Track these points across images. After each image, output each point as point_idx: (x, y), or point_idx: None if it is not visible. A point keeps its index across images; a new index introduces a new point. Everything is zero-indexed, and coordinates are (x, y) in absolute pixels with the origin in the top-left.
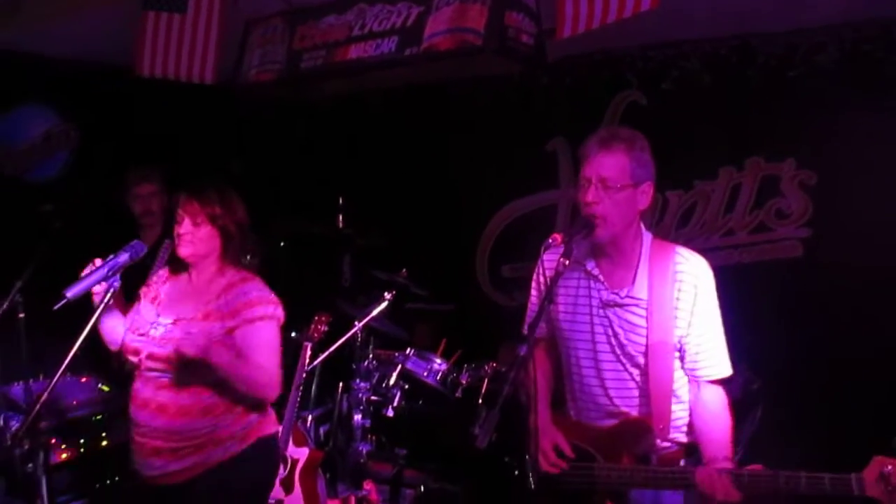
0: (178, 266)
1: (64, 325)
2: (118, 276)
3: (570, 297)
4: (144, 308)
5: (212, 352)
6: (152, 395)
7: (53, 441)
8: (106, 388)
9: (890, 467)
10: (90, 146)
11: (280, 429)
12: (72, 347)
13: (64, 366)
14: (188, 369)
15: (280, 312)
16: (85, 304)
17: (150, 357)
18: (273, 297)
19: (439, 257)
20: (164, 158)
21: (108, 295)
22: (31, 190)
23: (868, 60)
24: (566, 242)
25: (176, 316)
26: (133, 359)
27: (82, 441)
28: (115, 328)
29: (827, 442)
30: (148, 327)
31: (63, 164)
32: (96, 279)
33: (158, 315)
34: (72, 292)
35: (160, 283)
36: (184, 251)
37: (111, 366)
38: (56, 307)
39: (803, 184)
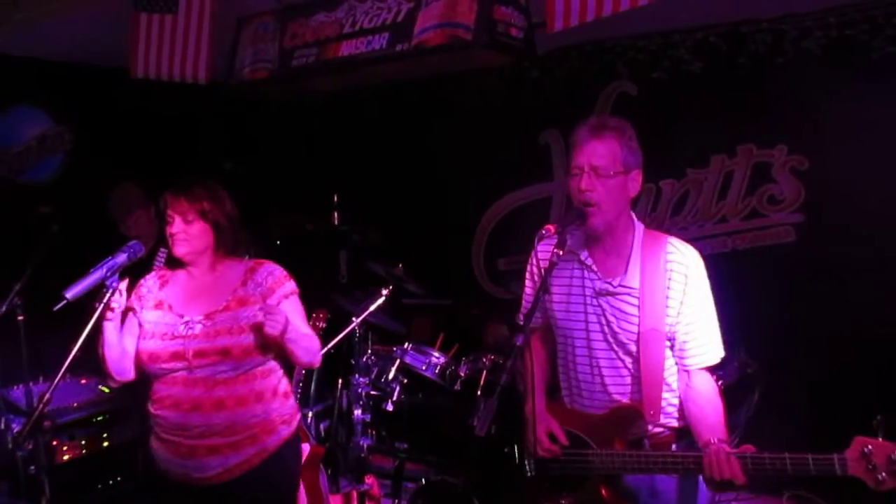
0: (171, 269)
1: (63, 326)
2: (117, 275)
3: (565, 286)
4: (155, 315)
5: (289, 327)
6: (205, 394)
7: (55, 442)
8: (106, 389)
9: (871, 446)
10: (86, 147)
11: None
12: (72, 348)
13: (65, 367)
14: (244, 356)
15: (297, 287)
16: (84, 305)
17: (200, 354)
18: (288, 274)
19: (435, 252)
20: (159, 158)
21: (109, 294)
22: (27, 192)
23: (854, 45)
24: (559, 233)
25: (202, 311)
26: (172, 364)
27: (84, 442)
28: (122, 359)
29: (821, 422)
30: (179, 328)
31: (58, 166)
32: (95, 279)
33: (182, 315)
34: (71, 293)
35: (156, 290)
36: (179, 250)
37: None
38: (56, 308)
39: (795, 169)
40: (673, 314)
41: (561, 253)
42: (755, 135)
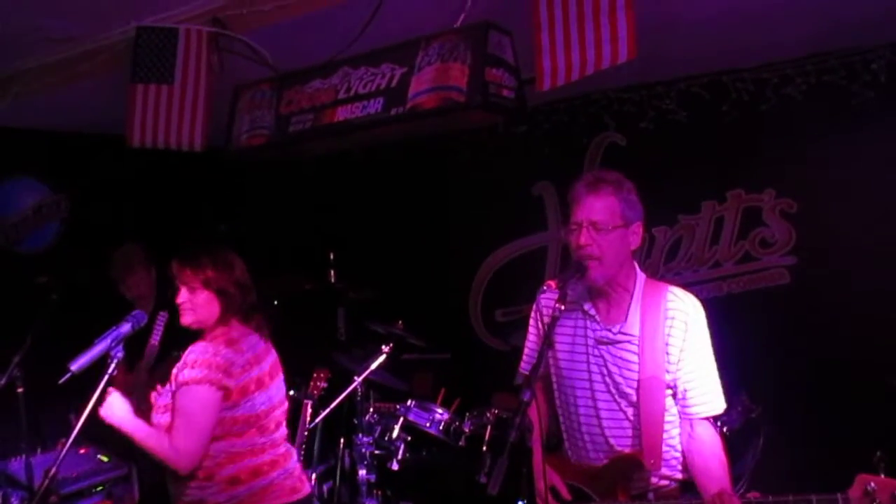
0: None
1: (62, 398)
2: (121, 346)
3: (568, 337)
4: None
5: (127, 420)
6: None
7: None
8: (105, 459)
9: (874, 484)
10: (83, 216)
11: (301, 496)
12: (78, 420)
13: (71, 440)
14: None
15: (215, 376)
16: (84, 377)
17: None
18: (214, 359)
19: (433, 306)
20: (157, 225)
21: (113, 365)
22: (25, 262)
23: (834, 90)
24: (560, 287)
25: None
26: None
27: None
28: None
29: (825, 462)
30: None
31: (54, 235)
32: (100, 350)
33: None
34: (76, 365)
35: None
36: (185, 320)
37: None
38: (61, 381)
39: (784, 212)
40: (674, 361)
41: (563, 308)
42: (743, 180)
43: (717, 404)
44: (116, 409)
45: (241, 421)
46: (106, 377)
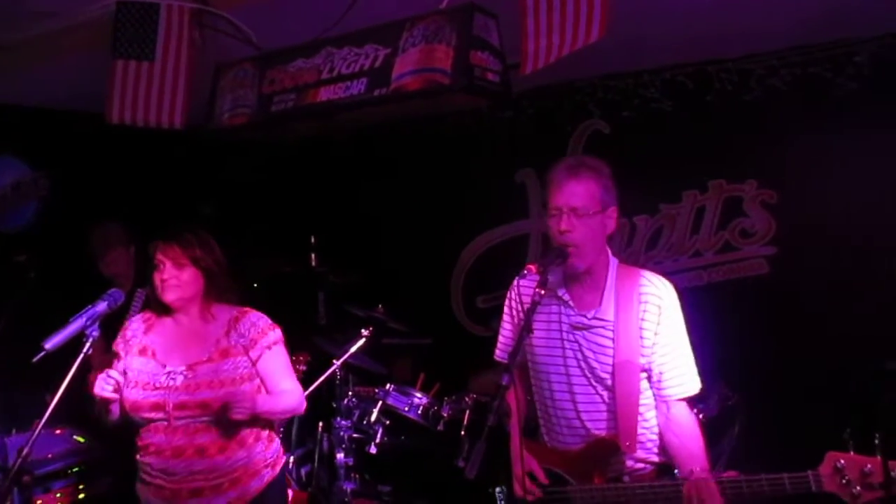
0: (158, 314)
1: (41, 378)
2: (97, 324)
3: (543, 323)
4: (139, 362)
5: (257, 406)
6: (187, 441)
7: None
8: (81, 440)
9: (843, 461)
10: (63, 194)
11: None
12: (51, 399)
13: (44, 420)
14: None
15: (282, 334)
16: (59, 356)
17: (181, 406)
18: (273, 322)
19: (414, 291)
20: (136, 204)
21: (88, 344)
22: (3, 240)
23: (817, 82)
24: (541, 272)
25: (185, 362)
26: (153, 414)
27: (59, 495)
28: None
29: (800, 449)
30: (161, 379)
31: (34, 214)
32: (75, 329)
33: (164, 365)
34: (51, 343)
35: (141, 335)
36: (170, 296)
37: (88, 416)
38: (35, 359)
39: (765, 203)
40: (648, 345)
41: (543, 292)
42: (725, 170)
43: (693, 385)
44: (246, 402)
45: None
46: (81, 356)
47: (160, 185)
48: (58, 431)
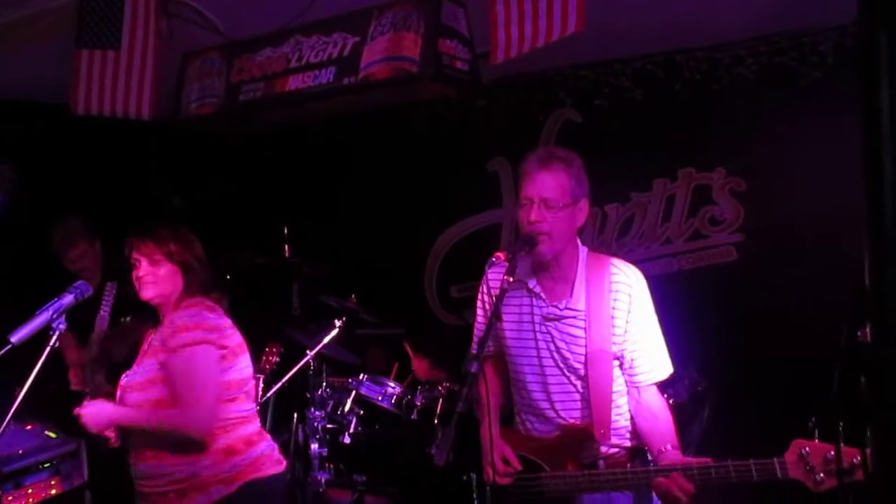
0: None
1: (12, 372)
2: (63, 317)
3: (515, 314)
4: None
5: (118, 419)
6: (136, 441)
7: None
8: (53, 435)
9: (808, 448)
10: (31, 186)
11: (284, 468)
12: (18, 393)
13: (10, 414)
14: (157, 410)
15: (214, 337)
16: (27, 350)
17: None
18: (207, 322)
19: (387, 281)
20: (103, 196)
21: (55, 337)
22: None
23: (784, 71)
24: (510, 260)
25: (138, 362)
26: None
27: (31, 490)
28: None
29: (768, 435)
30: (123, 379)
31: (1, 207)
32: (41, 322)
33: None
34: (16, 337)
35: (151, 335)
36: (147, 293)
37: (60, 410)
38: (1, 353)
39: (734, 191)
40: (620, 333)
41: (511, 280)
42: (694, 158)
43: (664, 370)
44: (97, 414)
45: (234, 386)
46: (48, 349)
47: (127, 176)
48: (28, 427)
